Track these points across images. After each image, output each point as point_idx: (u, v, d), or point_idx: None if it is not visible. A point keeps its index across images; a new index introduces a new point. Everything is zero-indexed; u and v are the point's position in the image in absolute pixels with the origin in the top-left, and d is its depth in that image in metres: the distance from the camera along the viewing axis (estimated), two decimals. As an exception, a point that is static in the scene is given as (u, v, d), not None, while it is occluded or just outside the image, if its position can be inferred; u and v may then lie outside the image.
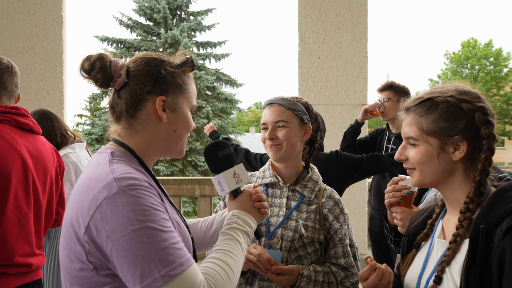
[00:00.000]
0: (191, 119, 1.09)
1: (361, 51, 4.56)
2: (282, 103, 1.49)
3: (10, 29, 4.31)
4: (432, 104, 1.04)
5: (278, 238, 1.45)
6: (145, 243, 0.83)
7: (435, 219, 1.14)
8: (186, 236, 1.02)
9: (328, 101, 4.62)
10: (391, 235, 1.52)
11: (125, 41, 18.73)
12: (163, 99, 1.01)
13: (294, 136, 1.49)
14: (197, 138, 18.44)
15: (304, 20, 4.64)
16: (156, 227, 0.86)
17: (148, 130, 1.03)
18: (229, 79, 19.94)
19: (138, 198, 0.87)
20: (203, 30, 19.97)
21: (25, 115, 1.67)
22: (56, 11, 4.43)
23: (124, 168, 0.94)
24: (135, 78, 1.02)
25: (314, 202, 1.51)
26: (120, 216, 0.85)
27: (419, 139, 1.05)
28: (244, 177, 1.15)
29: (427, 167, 1.04)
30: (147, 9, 19.06)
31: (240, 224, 1.07)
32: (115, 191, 0.87)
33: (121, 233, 0.84)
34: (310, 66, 4.63)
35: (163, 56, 1.06)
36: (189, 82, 1.08)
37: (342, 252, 1.46)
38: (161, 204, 0.91)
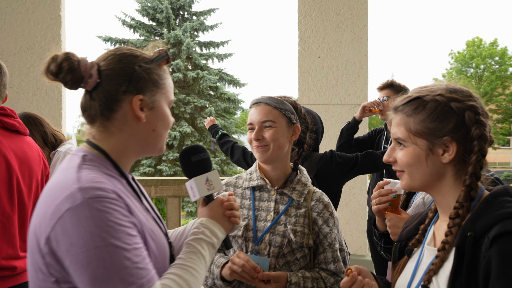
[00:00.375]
0: (170, 115, 1.04)
1: (362, 50, 4.51)
2: (269, 102, 1.45)
3: (9, 29, 4.30)
4: (420, 104, 0.99)
5: (265, 244, 1.41)
6: (106, 261, 0.80)
7: (427, 224, 1.09)
8: (161, 244, 0.98)
9: (328, 100, 4.57)
10: (381, 241, 1.48)
11: (128, 41, 18.74)
12: (140, 98, 0.96)
13: (281, 136, 1.44)
14: (200, 138, 18.43)
15: (304, 19, 4.60)
16: (119, 245, 0.81)
17: (125, 131, 0.97)
18: (232, 79, 19.90)
19: (103, 213, 0.82)
20: (205, 30, 19.95)
21: (11, 116, 1.64)
22: (55, 11, 4.42)
23: (92, 175, 0.88)
24: (108, 78, 0.95)
25: (303, 206, 1.46)
26: (82, 230, 0.80)
27: (407, 140, 1.00)
28: (217, 184, 1.10)
29: (416, 170, 1.00)
30: (150, 9, 19.08)
31: (206, 235, 1.02)
32: (79, 202, 0.82)
33: (82, 249, 0.80)
34: (310, 66, 4.59)
35: (135, 50, 1.00)
36: (165, 76, 1.03)
37: (332, 257, 1.42)
38: (128, 218, 0.87)
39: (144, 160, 17.13)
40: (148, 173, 16.66)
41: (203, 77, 18.54)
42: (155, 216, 1.04)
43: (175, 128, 17.77)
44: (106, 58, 0.97)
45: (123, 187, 0.95)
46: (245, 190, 1.52)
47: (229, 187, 1.55)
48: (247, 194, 1.51)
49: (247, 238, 1.43)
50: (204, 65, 19.38)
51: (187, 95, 18.61)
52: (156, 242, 0.95)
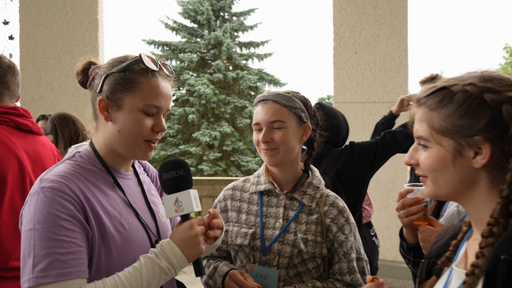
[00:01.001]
0: (143, 120, 1.02)
1: (401, 44, 4.24)
2: (278, 100, 1.31)
3: (49, 33, 4.47)
4: (446, 95, 0.82)
5: (274, 254, 1.29)
6: (31, 243, 0.89)
7: (460, 240, 0.92)
8: (132, 239, 1.02)
9: (365, 98, 4.35)
10: (410, 255, 1.31)
11: (170, 43, 19.21)
12: (101, 99, 1.04)
13: (292, 138, 1.31)
14: (240, 138, 18.51)
15: (339, 14, 4.41)
16: (46, 233, 0.89)
17: (103, 130, 1.07)
18: (272, 78, 19.82)
19: (45, 201, 0.92)
20: (245, 30, 20.02)
21: (24, 116, 1.64)
22: (92, 14, 4.54)
23: (60, 170, 0.98)
24: (94, 81, 1.09)
25: (315, 211, 1.33)
26: (29, 213, 0.93)
27: (430, 139, 0.83)
28: (187, 206, 0.99)
29: (441, 176, 0.83)
30: (191, 12, 19.43)
31: (158, 257, 0.97)
32: (35, 190, 0.95)
33: (24, 228, 0.93)
34: (345, 62, 4.39)
35: (119, 57, 1.08)
36: (142, 81, 1.03)
37: (348, 267, 1.28)
38: (69, 211, 0.93)
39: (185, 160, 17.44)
40: (189, 172, 16.93)
41: (243, 77, 18.59)
42: (147, 213, 1.10)
43: (216, 128, 17.97)
44: (104, 65, 1.11)
45: (103, 182, 1.03)
46: (253, 194, 1.40)
47: (235, 191, 1.45)
48: (255, 199, 1.39)
49: (254, 247, 1.32)
50: (244, 65, 19.45)
51: (227, 95, 18.75)
52: (123, 235, 1.00)
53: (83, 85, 1.13)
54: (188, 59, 18.76)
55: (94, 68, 1.09)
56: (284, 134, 1.29)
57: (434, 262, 0.97)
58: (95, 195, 0.99)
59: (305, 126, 1.35)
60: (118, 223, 1.00)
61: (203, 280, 1.38)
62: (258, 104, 1.35)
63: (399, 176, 4.26)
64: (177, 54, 19.18)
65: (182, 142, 18.10)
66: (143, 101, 1.02)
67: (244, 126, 18.40)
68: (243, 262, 1.34)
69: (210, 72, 19.11)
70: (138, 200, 1.11)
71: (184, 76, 18.58)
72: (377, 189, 4.29)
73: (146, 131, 1.03)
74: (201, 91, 17.53)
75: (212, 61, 19.14)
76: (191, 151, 17.38)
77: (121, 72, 1.03)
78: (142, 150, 1.04)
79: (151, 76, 1.05)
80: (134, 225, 1.04)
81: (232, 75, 18.53)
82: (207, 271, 1.37)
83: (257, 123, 1.33)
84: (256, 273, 1.29)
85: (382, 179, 4.19)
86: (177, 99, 19.02)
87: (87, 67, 1.11)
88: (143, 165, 1.25)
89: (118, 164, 1.09)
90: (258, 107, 1.34)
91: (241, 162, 17.96)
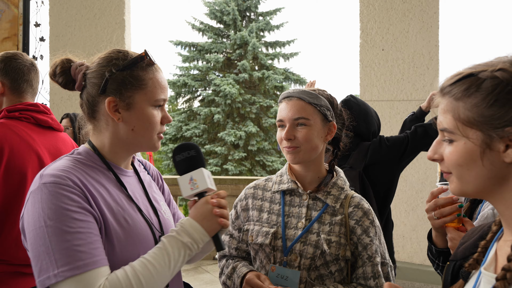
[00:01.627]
0: (155, 115, 1.04)
1: (432, 39, 4.09)
2: (303, 97, 1.27)
3: (78, 34, 4.58)
4: (473, 83, 0.74)
5: (296, 254, 1.25)
6: (47, 240, 0.87)
7: (489, 240, 0.84)
8: (136, 235, 1.00)
9: (393, 96, 4.21)
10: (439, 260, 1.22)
11: (197, 44, 19.41)
12: (111, 100, 1.01)
13: (316, 137, 1.27)
14: (265, 138, 18.48)
15: (366, 10, 4.29)
16: (59, 227, 0.87)
17: (108, 130, 1.05)
18: (298, 78, 19.68)
19: (51, 197, 0.89)
20: (271, 30, 19.97)
21: (44, 112, 1.65)
22: (119, 15, 4.62)
23: (59, 165, 0.96)
24: (89, 81, 1.03)
25: (339, 212, 1.27)
26: (35, 210, 0.90)
27: (455, 132, 0.76)
28: (201, 183, 1.03)
29: (467, 171, 0.76)
30: (218, 12, 19.56)
31: (179, 233, 0.99)
32: (36, 186, 0.92)
33: (32, 227, 0.89)
34: (372, 59, 4.27)
35: (118, 53, 1.04)
36: (148, 77, 1.03)
37: (372, 272, 1.22)
38: (78, 204, 0.91)
39: (211, 159, 17.60)
40: (215, 172, 17.07)
41: (268, 77, 18.55)
42: (149, 210, 1.10)
43: (241, 128, 18.01)
44: (94, 63, 1.05)
45: (105, 178, 1.02)
46: (275, 194, 1.36)
47: (257, 190, 1.41)
48: (277, 199, 1.35)
49: (275, 247, 1.28)
50: (269, 65, 19.40)
51: (253, 95, 18.76)
52: (127, 231, 0.99)
53: (66, 87, 1.07)
54: (214, 59, 18.90)
55: (79, 67, 1.04)
56: (308, 132, 1.26)
57: (460, 265, 0.90)
58: (97, 189, 0.98)
59: (330, 125, 1.31)
60: (121, 218, 0.99)
61: (222, 280, 1.36)
62: (283, 101, 1.32)
63: (428, 176, 4.11)
64: (204, 54, 19.36)
65: (207, 142, 18.25)
66: (153, 96, 1.03)
67: (269, 126, 18.34)
68: (263, 262, 1.30)
69: (235, 72, 19.18)
70: (140, 196, 1.10)
71: (210, 76, 18.74)
72: (405, 190, 4.15)
73: (159, 125, 1.05)
74: (227, 91, 17.62)
75: (238, 61, 19.20)
76: (216, 150, 17.49)
77: (127, 70, 1.01)
78: (156, 142, 1.07)
79: (154, 71, 1.05)
80: (138, 220, 1.03)
81: (258, 75, 18.52)
82: (226, 271, 1.34)
83: (281, 119, 1.30)
84: (277, 274, 1.25)
85: (410, 179, 4.05)
86: (203, 99, 19.21)
87: (67, 67, 1.05)
88: (144, 163, 1.24)
89: (119, 161, 1.08)
90: (282, 104, 1.31)
91: (266, 162, 17.92)
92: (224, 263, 1.39)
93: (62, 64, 1.05)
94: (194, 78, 19.17)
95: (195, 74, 19.35)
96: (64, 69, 1.05)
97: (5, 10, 4.69)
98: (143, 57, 1.03)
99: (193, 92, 19.61)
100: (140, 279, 0.90)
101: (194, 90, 19.49)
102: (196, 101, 19.86)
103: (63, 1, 4.57)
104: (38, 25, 4.72)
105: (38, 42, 4.71)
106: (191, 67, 19.40)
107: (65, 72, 1.05)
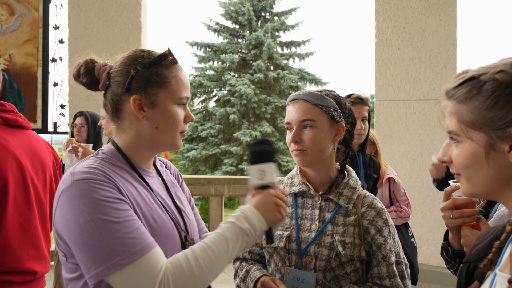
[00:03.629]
0: (178, 113, 1.05)
1: (449, 38, 4.02)
2: (308, 99, 1.27)
3: (96, 36, 4.67)
4: (474, 85, 0.75)
5: (311, 256, 1.25)
6: (96, 234, 0.87)
7: (503, 240, 0.84)
8: (164, 234, 1.00)
9: (409, 96, 4.16)
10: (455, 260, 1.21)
11: (212, 45, 19.53)
12: (136, 98, 1.01)
13: (323, 138, 1.26)
14: (280, 138, 18.45)
15: (382, 8, 4.25)
16: (107, 219, 0.88)
17: (132, 129, 1.05)
18: (313, 78, 19.60)
19: (89, 192, 0.90)
20: (286, 30, 19.94)
21: (11, 111, 1.55)
22: (135, 17, 4.69)
23: (88, 164, 0.97)
24: (113, 80, 1.04)
25: (352, 213, 1.27)
26: (73, 208, 0.89)
27: (460, 134, 0.77)
28: (269, 176, 1.08)
29: (474, 173, 0.77)
30: (233, 13, 19.63)
31: (238, 219, 1.00)
32: (69, 184, 0.92)
33: (74, 224, 0.88)
34: (388, 58, 4.23)
35: (142, 52, 1.05)
36: (172, 75, 1.04)
37: (387, 271, 1.21)
38: (116, 195, 0.93)
39: (226, 159, 17.68)
40: (230, 172, 17.14)
41: (283, 77, 18.53)
42: (174, 210, 1.09)
43: (256, 128, 18.03)
44: (118, 62, 1.06)
45: (131, 177, 1.02)
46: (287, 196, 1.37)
47: None
48: (289, 201, 1.35)
49: (290, 250, 1.28)
50: (285, 65, 19.37)
51: (268, 95, 18.76)
52: (155, 230, 0.99)
53: (90, 87, 1.07)
54: (230, 59, 18.97)
55: (103, 67, 1.05)
56: (315, 134, 1.26)
57: (474, 267, 0.89)
58: (126, 186, 0.98)
59: (338, 125, 1.30)
60: (150, 217, 0.99)
61: (236, 282, 1.37)
62: (289, 103, 1.33)
63: (446, 177, 4.04)
64: (219, 55, 19.46)
65: (223, 142, 18.34)
66: (177, 94, 1.04)
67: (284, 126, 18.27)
68: (278, 265, 1.30)
69: (251, 72, 19.21)
70: (165, 196, 1.10)
71: (225, 77, 18.82)
72: (421, 191, 4.09)
73: (182, 123, 1.06)
74: (242, 91, 17.66)
75: (253, 61, 19.23)
76: (232, 150, 17.56)
77: (151, 68, 1.01)
78: (179, 140, 1.08)
79: (177, 69, 1.06)
80: (165, 220, 1.03)
81: (273, 75, 18.51)
82: (240, 273, 1.35)
83: (288, 122, 1.31)
84: (293, 277, 1.25)
85: (427, 180, 3.99)
86: (219, 99, 19.30)
87: (91, 67, 1.05)
88: (165, 163, 1.25)
89: (142, 161, 1.08)
90: (289, 107, 1.32)
91: (281, 162, 17.89)
92: (238, 265, 1.40)
93: (86, 65, 1.05)
94: (209, 78, 19.28)
95: (211, 74, 19.46)
96: (88, 69, 1.05)
97: (26, 13, 4.82)
98: (167, 56, 1.04)
99: (209, 92, 19.74)
100: (200, 262, 0.92)
101: (210, 90, 19.61)
102: (212, 101, 19.98)
103: (82, 4, 4.66)
104: (58, 27, 4.83)
105: (57, 44, 4.83)
106: (206, 67, 19.53)
107: (89, 72, 1.05)
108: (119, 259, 0.86)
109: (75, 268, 0.94)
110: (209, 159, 18.39)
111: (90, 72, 1.05)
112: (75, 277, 0.95)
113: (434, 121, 3.25)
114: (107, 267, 0.85)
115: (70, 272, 0.96)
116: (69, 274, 0.96)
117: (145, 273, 0.87)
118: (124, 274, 0.86)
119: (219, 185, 5.16)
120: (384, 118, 4.18)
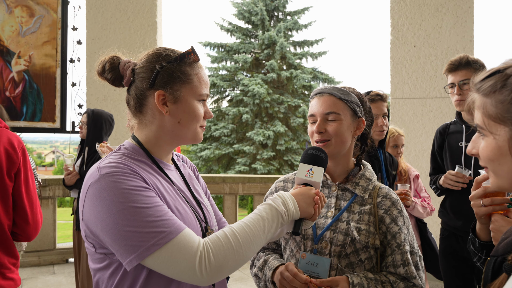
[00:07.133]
0: (199, 108, 1.09)
1: (466, 35, 3.97)
2: (334, 93, 1.32)
3: (113, 37, 4.74)
4: (499, 79, 0.76)
5: (326, 242, 1.28)
6: (131, 220, 0.90)
7: None
8: (188, 223, 1.02)
9: (425, 94, 4.12)
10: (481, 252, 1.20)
11: (225, 45, 19.61)
12: (161, 93, 1.05)
13: (346, 131, 1.31)
14: (293, 138, 18.43)
15: (397, 6, 4.22)
16: (138, 206, 0.92)
17: (154, 123, 1.08)
18: (327, 77, 19.53)
19: (117, 183, 0.94)
20: (299, 29, 19.91)
21: None
22: (151, 18, 4.75)
23: (112, 159, 1.00)
24: (138, 76, 1.07)
25: (368, 202, 1.30)
26: (104, 199, 0.93)
27: (485, 128, 0.78)
28: (316, 177, 1.16)
29: (499, 166, 0.77)
30: (246, 13, 19.68)
31: (275, 202, 1.05)
32: (97, 178, 0.95)
33: (107, 214, 0.92)
34: (404, 56, 4.19)
35: (166, 50, 1.09)
36: (194, 73, 1.08)
37: (401, 259, 1.23)
38: (144, 185, 0.97)
39: (239, 159, 17.74)
40: (243, 171, 17.19)
41: (296, 76, 18.50)
42: (193, 202, 1.13)
43: (269, 127, 18.05)
44: (142, 58, 1.09)
45: (153, 171, 1.06)
46: None
47: (287, 183, 1.44)
48: None
49: (305, 236, 1.31)
50: (297, 64, 19.35)
51: (281, 94, 18.76)
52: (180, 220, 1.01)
53: (114, 83, 1.09)
54: (243, 59, 19.03)
55: (127, 63, 1.08)
56: (338, 126, 1.30)
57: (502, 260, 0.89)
58: (150, 179, 1.02)
59: (359, 120, 1.35)
60: (174, 208, 1.02)
61: (253, 272, 1.39)
62: (314, 97, 1.37)
63: (463, 176, 3.99)
64: (232, 55, 19.53)
65: (236, 142, 18.40)
66: (198, 91, 1.08)
67: (297, 126, 18.28)
68: (293, 251, 1.33)
69: (263, 72, 19.24)
70: (184, 189, 1.14)
71: (238, 77, 18.88)
72: (439, 190, 4.05)
73: (202, 118, 1.10)
74: (255, 91, 17.70)
75: (266, 61, 19.25)
76: (245, 150, 17.61)
77: (175, 64, 1.05)
78: (200, 134, 1.12)
79: (199, 67, 1.10)
80: (187, 211, 1.07)
81: (286, 74, 18.50)
82: (257, 263, 1.38)
83: (312, 114, 1.35)
84: (307, 261, 1.28)
85: (444, 179, 3.95)
86: (232, 99, 19.38)
87: (116, 63, 1.08)
88: (181, 157, 1.28)
89: (163, 155, 1.11)
90: (314, 100, 1.36)
91: (294, 162, 17.87)
92: (255, 256, 1.43)
93: (111, 61, 1.08)
94: (222, 78, 19.37)
95: (224, 74, 19.55)
96: (113, 66, 1.07)
97: (45, 15, 4.92)
98: (190, 53, 1.07)
99: (222, 92, 19.83)
100: (238, 238, 0.96)
101: (223, 90, 19.70)
102: (225, 101, 20.08)
103: (99, 5, 4.74)
104: (76, 29, 4.93)
105: (75, 45, 4.92)
106: (219, 67, 19.63)
107: (114, 69, 1.08)
108: (156, 240, 0.90)
109: (103, 257, 0.98)
110: (222, 158, 18.48)
111: (115, 68, 1.08)
112: (103, 267, 0.98)
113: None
114: (147, 248, 0.89)
115: (98, 262, 0.99)
116: (96, 264, 1.00)
117: (184, 248, 0.91)
118: (163, 253, 0.90)
119: (234, 184, 5.19)
120: (399, 116, 4.15)
